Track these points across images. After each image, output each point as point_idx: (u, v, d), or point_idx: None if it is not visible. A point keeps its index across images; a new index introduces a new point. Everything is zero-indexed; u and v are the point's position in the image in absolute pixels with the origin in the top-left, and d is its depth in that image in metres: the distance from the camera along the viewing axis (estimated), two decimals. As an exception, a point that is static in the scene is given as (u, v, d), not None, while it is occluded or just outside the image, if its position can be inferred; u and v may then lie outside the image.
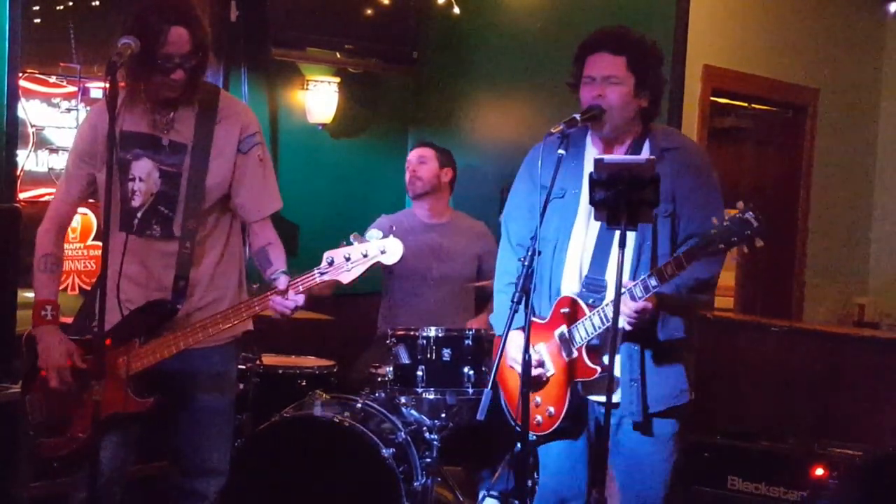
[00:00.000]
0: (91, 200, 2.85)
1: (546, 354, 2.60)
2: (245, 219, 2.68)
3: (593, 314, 2.49)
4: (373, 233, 2.47)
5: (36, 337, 2.57)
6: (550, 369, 2.59)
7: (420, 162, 4.08)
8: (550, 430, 2.60)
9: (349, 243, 2.46)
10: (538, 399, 2.62)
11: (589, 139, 2.63)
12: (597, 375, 2.51)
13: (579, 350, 2.53)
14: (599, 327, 2.47)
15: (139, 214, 2.57)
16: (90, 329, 2.63)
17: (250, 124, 2.65)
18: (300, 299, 2.49)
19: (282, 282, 2.50)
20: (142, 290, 2.58)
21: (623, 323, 2.38)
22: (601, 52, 2.55)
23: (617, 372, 2.52)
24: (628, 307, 2.39)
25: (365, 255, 2.45)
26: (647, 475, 2.59)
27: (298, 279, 2.50)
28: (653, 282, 2.37)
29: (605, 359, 2.52)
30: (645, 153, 2.57)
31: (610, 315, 2.41)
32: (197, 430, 2.68)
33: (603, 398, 2.51)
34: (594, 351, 2.52)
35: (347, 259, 2.45)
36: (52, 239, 2.64)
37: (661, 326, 2.51)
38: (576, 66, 2.61)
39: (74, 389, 2.55)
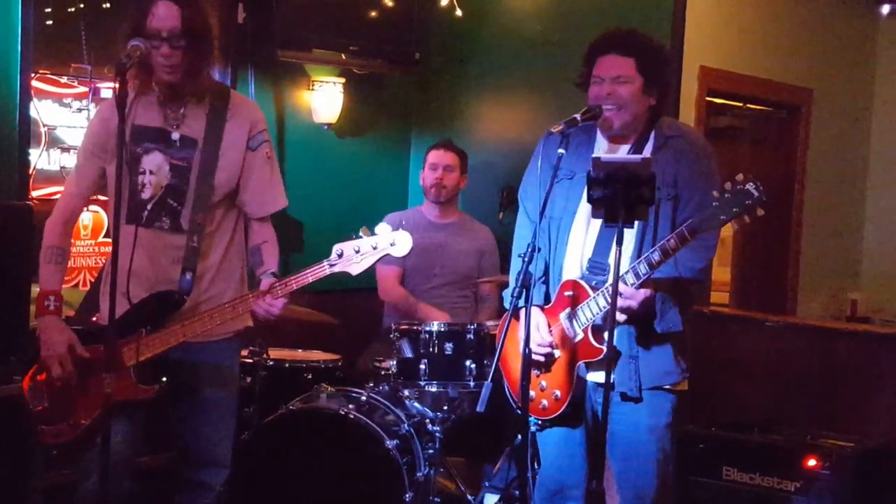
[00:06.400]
0: (101, 197, 2.88)
1: (552, 337, 2.64)
2: (248, 214, 2.71)
3: (597, 295, 2.53)
4: (382, 226, 2.50)
5: (38, 326, 2.60)
6: (556, 352, 2.63)
7: (448, 170, 4.10)
8: (556, 413, 2.64)
9: (358, 237, 2.50)
10: (543, 383, 2.66)
11: (598, 130, 2.69)
12: (602, 355, 2.54)
13: (585, 331, 2.57)
14: (604, 307, 2.50)
15: (149, 206, 2.61)
16: (92, 321, 2.69)
17: (259, 122, 2.70)
18: (280, 303, 2.51)
19: (264, 283, 2.52)
20: (148, 283, 2.61)
21: (619, 316, 2.41)
22: (610, 54, 2.60)
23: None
24: (625, 295, 2.42)
25: (375, 248, 2.48)
26: (642, 465, 2.63)
27: (291, 277, 2.52)
28: (656, 256, 2.41)
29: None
30: (650, 143, 2.63)
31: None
32: (199, 422, 2.70)
33: (600, 378, 2.55)
34: (599, 331, 2.56)
35: (357, 251, 2.48)
36: (58, 231, 2.67)
37: (658, 319, 2.55)
38: (585, 67, 2.66)
39: (76, 377, 2.58)
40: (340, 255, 2.49)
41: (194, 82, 2.57)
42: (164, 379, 2.59)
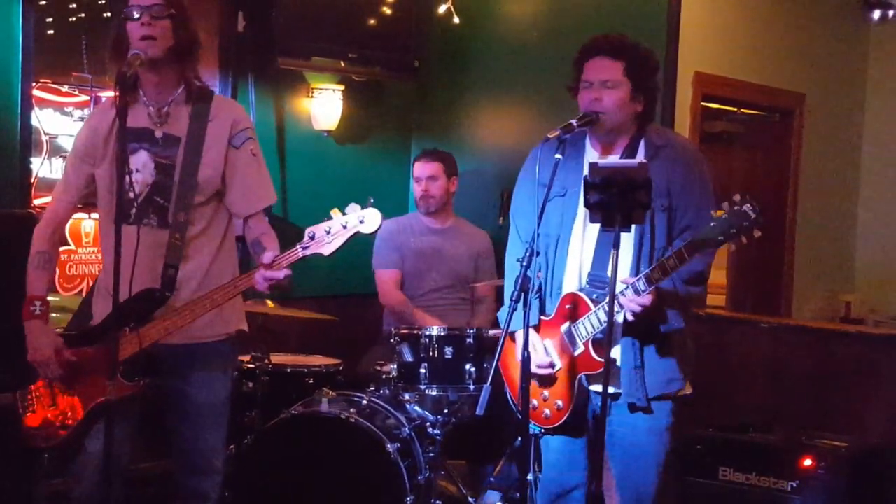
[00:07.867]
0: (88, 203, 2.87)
1: (552, 350, 2.66)
2: (237, 214, 2.68)
3: (598, 309, 2.55)
4: (352, 206, 2.49)
5: (25, 331, 2.60)
6: (557, 364, 2.65)
7: (431, 180, 4.10)
8: (558, 423, 2.66)
9: (329, 218, 2.49)
10: (546, 393, 2.68)
11: (588, 141, 2.71)
12: (603, 368, 2.54)
13: (586, 344, 2.59)
14: (605, 321, 2.51)
15: (136, 204, 2.61)
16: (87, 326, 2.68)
17: (241, 120, 2.69)
18: (282, 273, 2.49)
19: (266, 256, 2.51)
20: (136, 282, 2.54)
21: (627, 315, 2.45)
22: (599, 57, 2.62)
23: (619, 362, 2.59)
24: (634, 300, 2.46)
25: (345, 227, 2.46)
26: (642, 466, 2.64)
27: (281, 256, 2.51)
28: (655, 275, 2.44)
29: (611, 352, 2.57)
30: (640, 152, 2.64)
31: (615, 309, 2.50)
32: (191, 428, 2.69)
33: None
34: (600, 344, 2.57)
35: (328, 232, 2.47)
36: (46, 237, 2.68)
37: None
38: (575, 71, 2.67)
39: (64, 380, 2.59)
40: (312, 238, 2.49)
41: (179, 64, 2.58)
42: (149, 378, 2.57)
